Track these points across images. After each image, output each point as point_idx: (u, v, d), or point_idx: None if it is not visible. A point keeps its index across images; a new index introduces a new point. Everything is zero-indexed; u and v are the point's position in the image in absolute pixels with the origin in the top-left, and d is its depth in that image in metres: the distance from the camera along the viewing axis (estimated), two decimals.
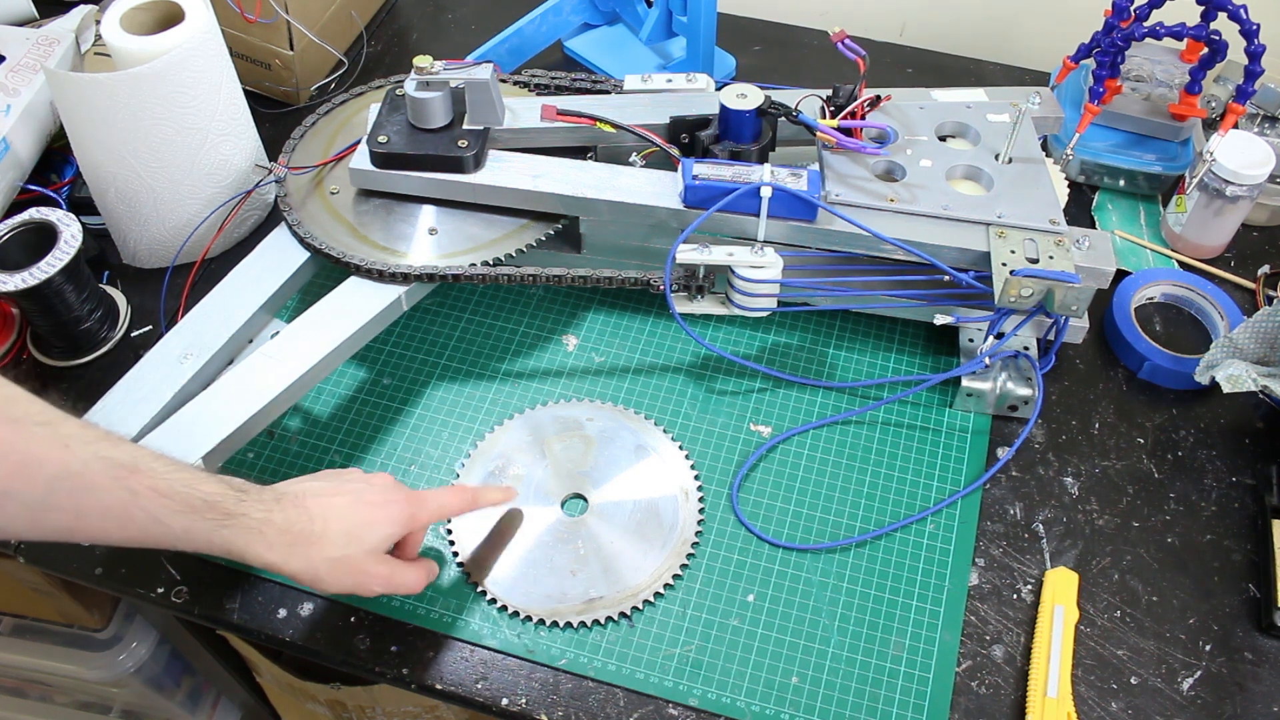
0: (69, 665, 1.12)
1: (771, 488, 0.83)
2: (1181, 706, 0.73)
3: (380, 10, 1.24)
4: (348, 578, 0.66)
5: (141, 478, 0.58)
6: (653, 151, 0.91)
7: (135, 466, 0.58)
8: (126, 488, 0.57)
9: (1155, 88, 1.02)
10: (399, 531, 0.69)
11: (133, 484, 0.57)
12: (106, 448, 0.57)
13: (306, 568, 0.64)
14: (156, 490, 0.58)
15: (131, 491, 0.57)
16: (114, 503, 0.57)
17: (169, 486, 0.59)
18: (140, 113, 0.86)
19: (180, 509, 0.59)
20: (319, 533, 0.65)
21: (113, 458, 0.57)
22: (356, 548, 0.66)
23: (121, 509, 0.57)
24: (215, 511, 0.61)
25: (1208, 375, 0.82)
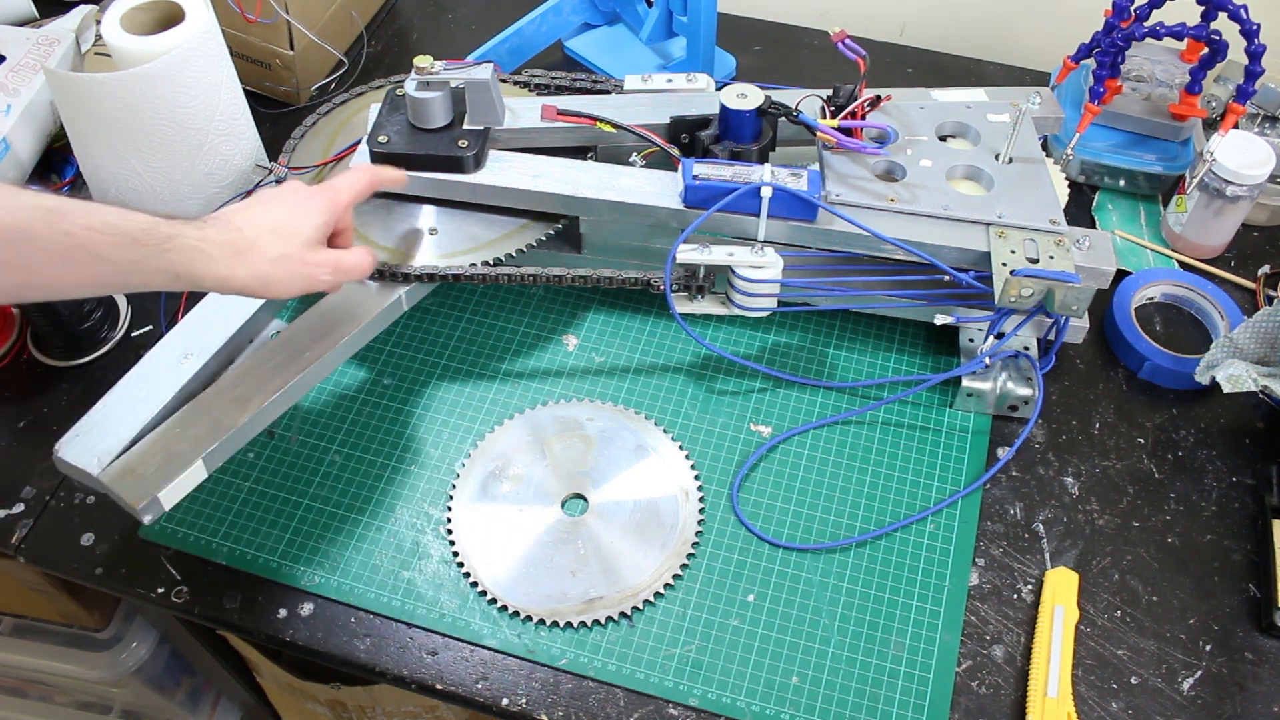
0: (69, 665, 1.12)
1: (772, 488, 0.83)
2: (1182, 706, 0.73)
3: (380, 10, 1.24)
4: (296, 276, 0.69)
5: (73, 218, 0.60)
6: (653, 151, 0.91)
7: (62, 210, 0.60)
8: (62, 230, 0.59)
9: (1155, 88, 1.02)
10: (326, 219, 0.72)
11: (66, 226, 0.59)
12: (30, 198, 0.59)
13: (253, 274, 0.67)
14: (91, 228, 0.60)
15: (67, 233, 0.59)
16: (55, 249, 0.59)
17: (102, 222, 0.61)
18: (140, 113, 0.86)
19: (119, 241, 0.61)
20: (251, 239, 0.67)
21: (41, 205, 0.59)
22: (292, 243, 0.69)
23: (64, 253, 0.59)
24: (153, 237, 0.63)
25: (1208, 375, 0.82)
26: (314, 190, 0.73)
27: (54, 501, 0.84)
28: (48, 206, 0.59)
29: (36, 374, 0.91)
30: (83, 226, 0.60)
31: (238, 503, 0.83)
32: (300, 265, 0.70)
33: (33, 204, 0.59)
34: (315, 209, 0.72)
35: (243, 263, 0.67)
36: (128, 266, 0.62)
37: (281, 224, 0.70)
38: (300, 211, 0.71)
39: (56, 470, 0.75)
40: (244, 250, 0.67)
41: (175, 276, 0.64)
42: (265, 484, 0.84)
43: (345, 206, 0.75)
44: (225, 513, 0.82)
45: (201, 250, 0.65)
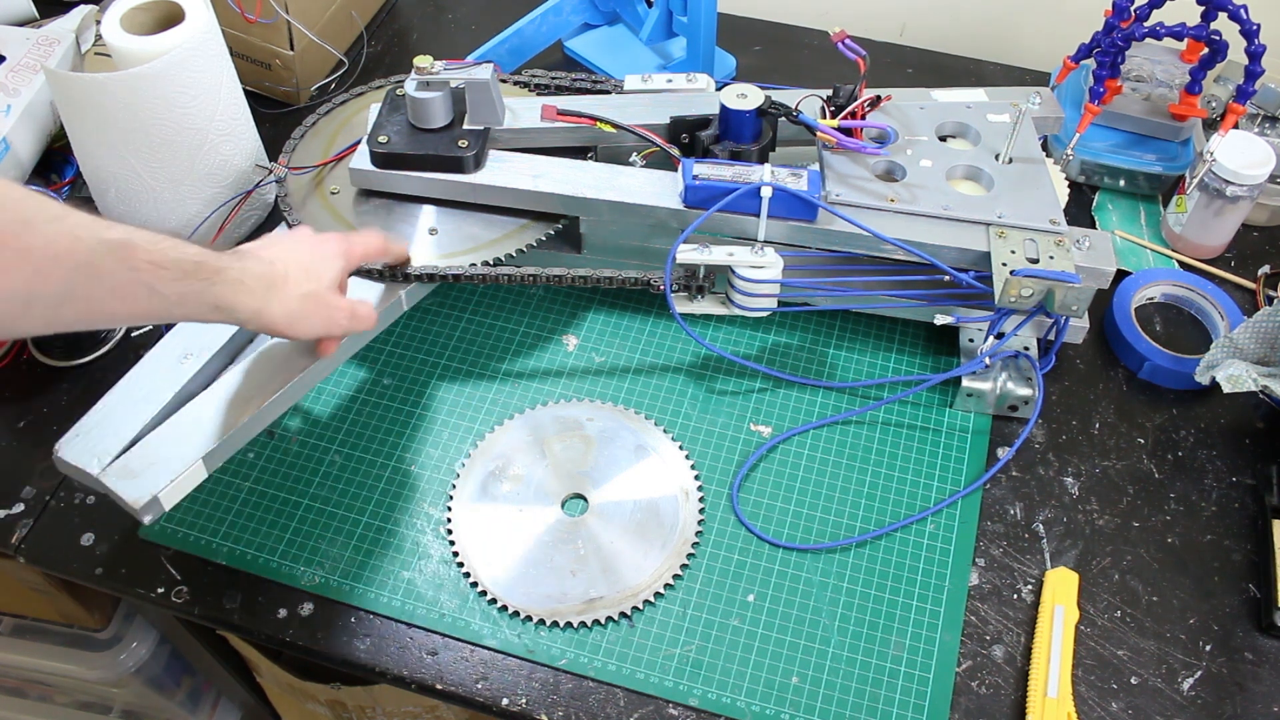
0: (69, 665, 1.12)
1: (772, 488, 0.83)
2: (1182, 706, 0.73)
3: (380, 10, 1.24)
4: (319, 316, 0.71)
5: (139, 253, 0.60)
6: (653, 151, 0.91)
7: (131, 244, 0.60)
8: (130, 266, 0.59)
9: (1155, 88, 1.02)
10: (345, 266, 0.75)
11: (133, 262, 0.59)
12: (104, 230, 0.58)
13: (284, 310, 0.68)
14: (153, 263, 0.60)
15: (134, 269, 0.59)
16: (119, 284, 0.59)
17: (163, 257, 0.61)
18: (140, 113, 0.86)
19: (175, 276, 0.62)
20: (283, 274, 0.69)
21: (111, 239, 0.59)
22: (318, 283, 0.71)
23: (125, 288, 0.59)
24: (205, 271, 0.64)
25: (1208, 375, 0.82)
26: (330, 236, 0.76)
27: (54, 501, 0.84)
28: (117, 240, 0.59)
29: (36, 374, 0.91)
30: (146, 262, 0.60)
31: (238, 503, 0.83)
32: (323, 306, 0.71)
33: (104, 238, 0.58)
34: (334, 254, 0.74)
35: (276, 297, 0.68)
36: (177, 300, 0.63)
37: (311, 263, 0.72)
38: (321, 255, 0.73)
39: (56, 470, 0.75)
40: (277, 284, 0.68)
41: (215, 309, 0.65)
42: (265, 484, 0.84)
43: (357, 259, 0.77)
44: (225, 513, 0.82)
45: (242, 283, 0.66)
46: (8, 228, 0.53)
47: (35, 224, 0.55)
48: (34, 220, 0.55)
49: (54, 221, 0.56)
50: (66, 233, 0.56)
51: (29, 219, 0.55)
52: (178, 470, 0.73)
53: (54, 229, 0.55)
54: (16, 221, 0.54)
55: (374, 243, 0.79)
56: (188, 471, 0.73)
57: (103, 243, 0.58)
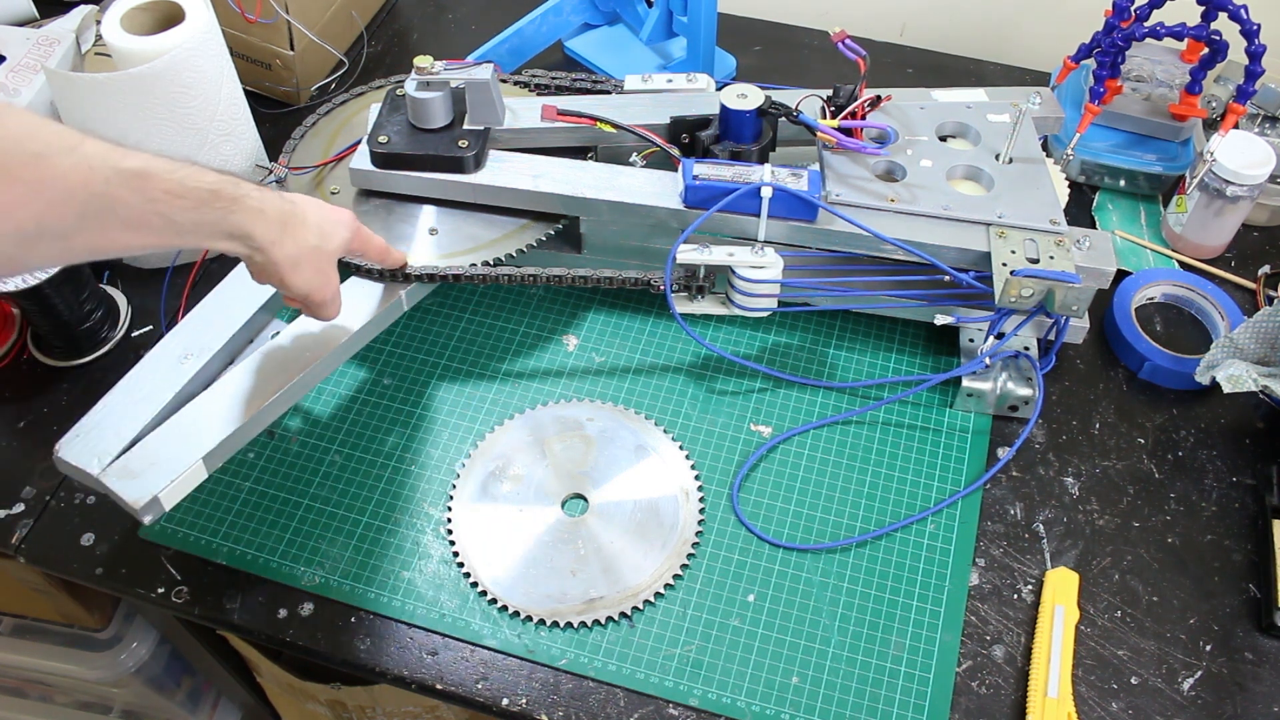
0: (69, 665, 1.12)
1: (772, 488, 0.83)
2: (1182, 707, 0.73)
3: (380, 10, 1.24)
4: (316, 274, 0.71)
5: (155, 182, 0.58)
6: (653, 151, 0.91)
7: (147, 173, 0.58)
8: (144, 194, 0.58)
9: (1156, 88, 1.02)
10: (350, 239, 0.74)
11: (150, 191, 0.58)
12: (120, 158, 0.57)
13: (294, 250, 0.68)
14: (169, 192, 0.59)
15: (149, 198, 0.58)
16: (133, 214, 0.58)
17: (179, 185, 0.60)
18: (140, 113, 0.86)
19: (192, 205, 0.61)
20: (301, 217, 0.69)
21: (128, 168, 0.57)
22: (327, 242, 0.71)
23: (140, 218, 0.58)
24: (221, 199, 0.63)
25: (1208, 375, 0.82)
26: (342, 209, 0.75)
27: (54, 501, 0.84)
28: (134, 169, 0.57)
29: (36, 374, 0.91)
30: (163, 191, 0.59)
31: (238, 503, 0.83)
32: (322, 268, 0.72)
33: (120, 167, 0.57)
34: (345, 222, 0.74)
35: (289, 235, 0.68)
36: (193, 228, 0.62)
37: (326, 222, 0.72)
38: (335, 219, 0.73)
39: (56, 470, 0.75)
40: (293, 225, 0.68)
41: (229, 236, 0.64)
42: (265, 484, 0.84)
43: (363, 239, 0.77)
44: (225, 513, 0.82)
45: (262, 213, 0.66)
46: (20, 160, 0.52)
47: (48, 156, 0.53)
48: (47, 152, 0.53)
49: (68, 153, 0.54)
50: (81, 163, 0.54)
51: (42, 151, 0.53)
52: (178, 470, 0.73)
53: (68, 161, 0.54)
54: (29, 154, 0.52)
55: (378, 239, 0.80)
56: (188, 471, 0.73)
57: (119, 172, 0.57)
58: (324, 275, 0.72)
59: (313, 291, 0.72)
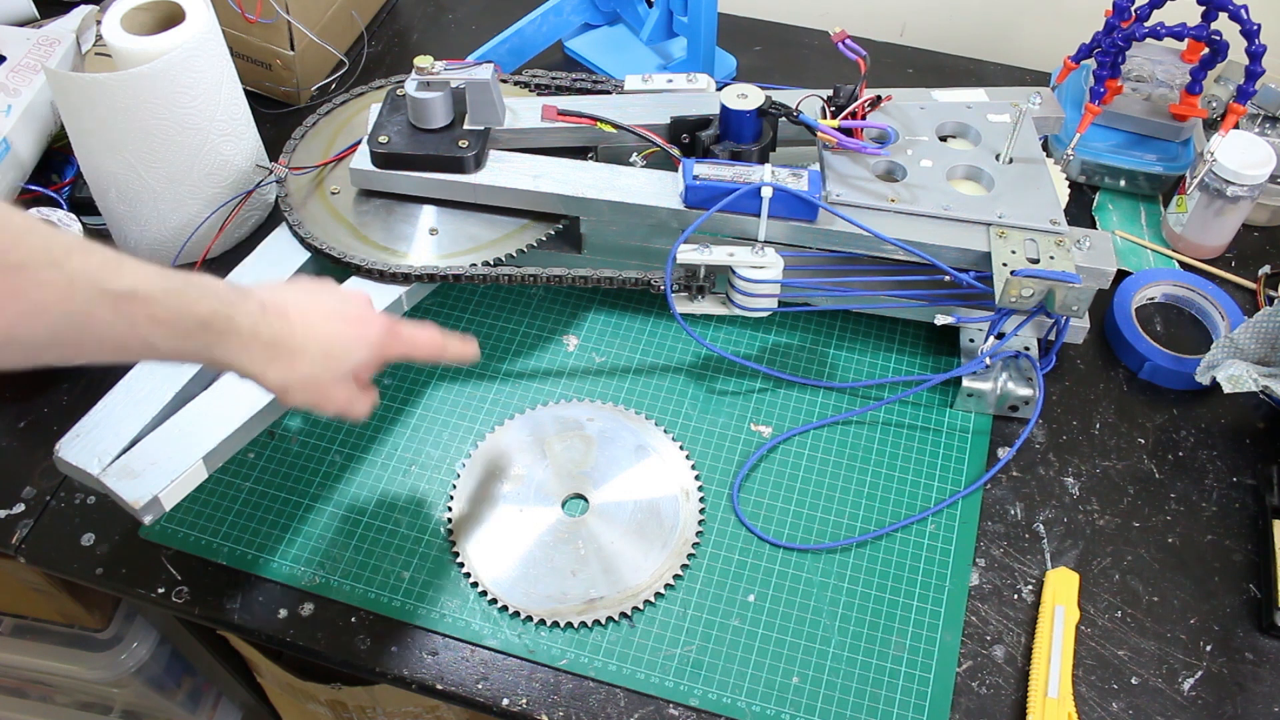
0: (69, 665, 1.12)
1: (772, 488, 0.83)
2: (1182, 707, 0.73)
3: (381, 10, 1.24)
4: (313, 396, 0.66)
5: (141, 307, 0.56)
6: (653, 152, 0.91)
7: (134, 294, 0.56)
8: (126, 318, 0.56)
9: (1156, 88, 1.02)
10: (371, 359, 0.69)
11: (133, 315, 0.56)
12: (109, 279, 0.55)
13: (280, 380, 0.64)
14: (155, 319, 0.57)
15: (130, 322, 0.57)
16: (111, 335, 0.56)
17: (166, 313, 0.58)
18: (141, 113, 0.86)
19: (177, 333, 0.59)
20: (299, 347, 0.65)
21: (114, 290, 0.55)
22: (328, 370, 0.66)
23: (117, 339, 0.57)
24: (211, 331, 0.60)
25: (1208, 375, 0.82)
26: (377, 321, 0.69)
27: (54, 501, 0.84)
28: (121, 291, 0.55)
29: (36, 374, 0.91)
30: (147, 316, 0.57)
31: (238, 503, 0.83)
32: (320, 393, 0.67)
33: (106, 288, 0.55)
34: (369, 341, 0.68)
35: (277, 366, 0.64)
36: (173, 354, 0.60)
37: (333, 347, 0.66)
38: (355, 339, 0.68)
39: (57, 470, 0.75)
40: (284, 355, 0.64)
41: (210, 359, 0.62)
42: (265, 484, 0.84)
43: (393, 357, 0.72)
44: (225, 513, 0.82)
45: (245, 349, 0.62)
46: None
47: (28, 268, 0.52)
48: (29, 264, 0.52)
49: (50, 267, 0.52)
50: (61, 279, 0.53)
51: (22, 263, 0.51)
52: (178, 470, 0.73)
53: (48, 275, 0.52)
54: (8, 264, 0.51)
55: (422, 341, 0.72)
56: (188, 471, 0.73)
57: (103, 293, 0.55)
58: (323, 396, 0.67)
59: (313, 409, 0.68)
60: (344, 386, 0.68)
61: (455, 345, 0.74)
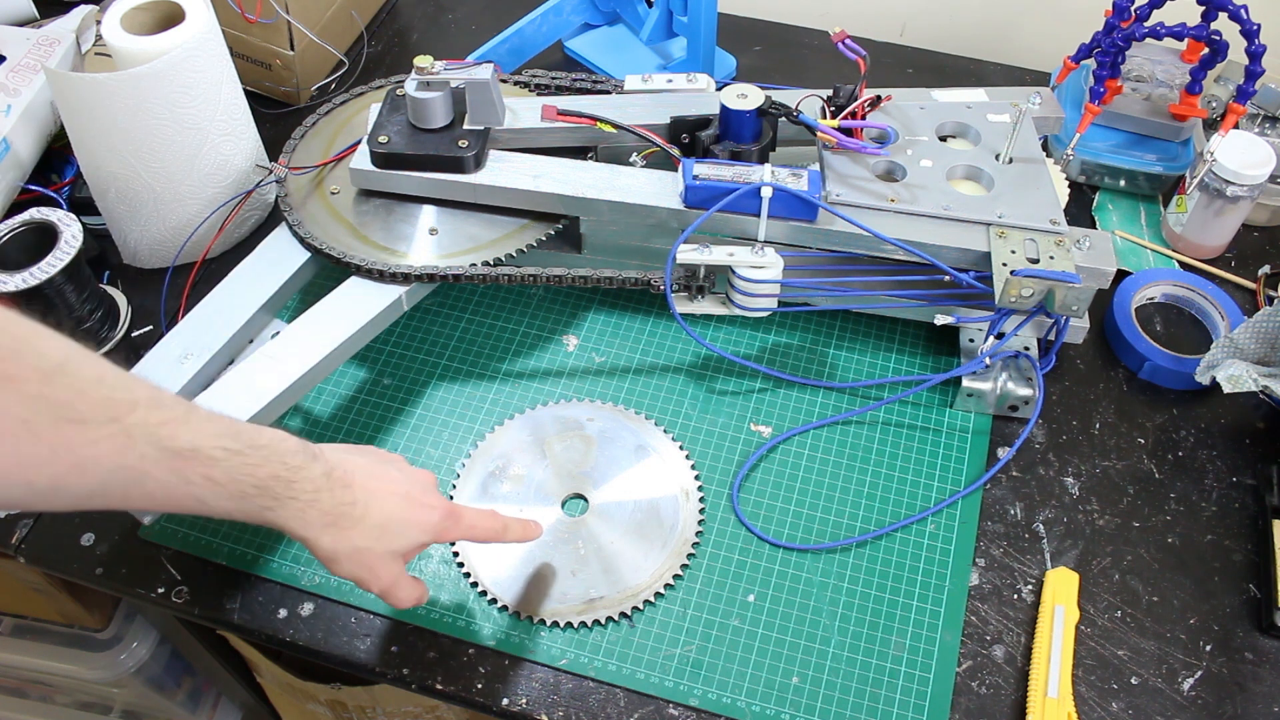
0: (69, 665, 1.12)
1: (772, 488, 0.83)
2: (1182, 707, 0.73)
3: (380, 10, 1.24)
4: (360, 569, 0.65)
5: (199, 467, 0.56)
6: (653, 151, 0.91)
7: (195, 455, 0.56)
8: (181, 476, 0.55)
9: (1156, 88, 1.02)
10: (427, 541, 0.67)
11: (189, 474, 0.56)
12: (169, 436, 0.55)
13: (330, 549, 0.63)
14: (211, 479, 0.57)
15: (185, 480, 0.56)
16: (162, 490, 0.56)
17: (225, 475, 0.57)
18: (141, 113, 0.86)
19: (229, 496, 0.58)
20: (357, 519, 0.64)
21: (173, 448, 0.55)
22: (382, 545, 0.65)
23: (168, 494, 0.56)
24: (265, 496, 0.60)
25: (1208, 375, 0.82)
26: (440, 505, 0.68)
27: None
28: (179, 450, 0.55)
29: None
30: (203, 476, 0.56)
31: None
32: (366, 567, 0.65)
33: (166, 445, 0.54)
34: (427, 526, 0.67)
35: (331, 535, 0.63)
36: (222, 514, 0.59)
37: (391, 524, 0.65)
38: (414, 521, 0.66)
39: None
40: (342, 526, 0.63)
41: (264, 521, 0.61)
42: None
43: (451, 540, 0.72)
44: None
45: (301, 516, 0.62)
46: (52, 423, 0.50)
47: (87, 424, 0.51)
48: (88, 420, 0.51)
49: (109, 423, 0.52)
50: (119, 435, 0.52)
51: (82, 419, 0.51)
52: None
53: (105, 431, 0.52)
54: (65, 420, 0.50)
55: (482, 527, 0.71)
56: None
57: (161, 450, 0.54)
58: (370, 571, 0.65)
59: (357, 582, 0.66)
60: (393, 565, 0.66)
61: (516, 529, 0.73)
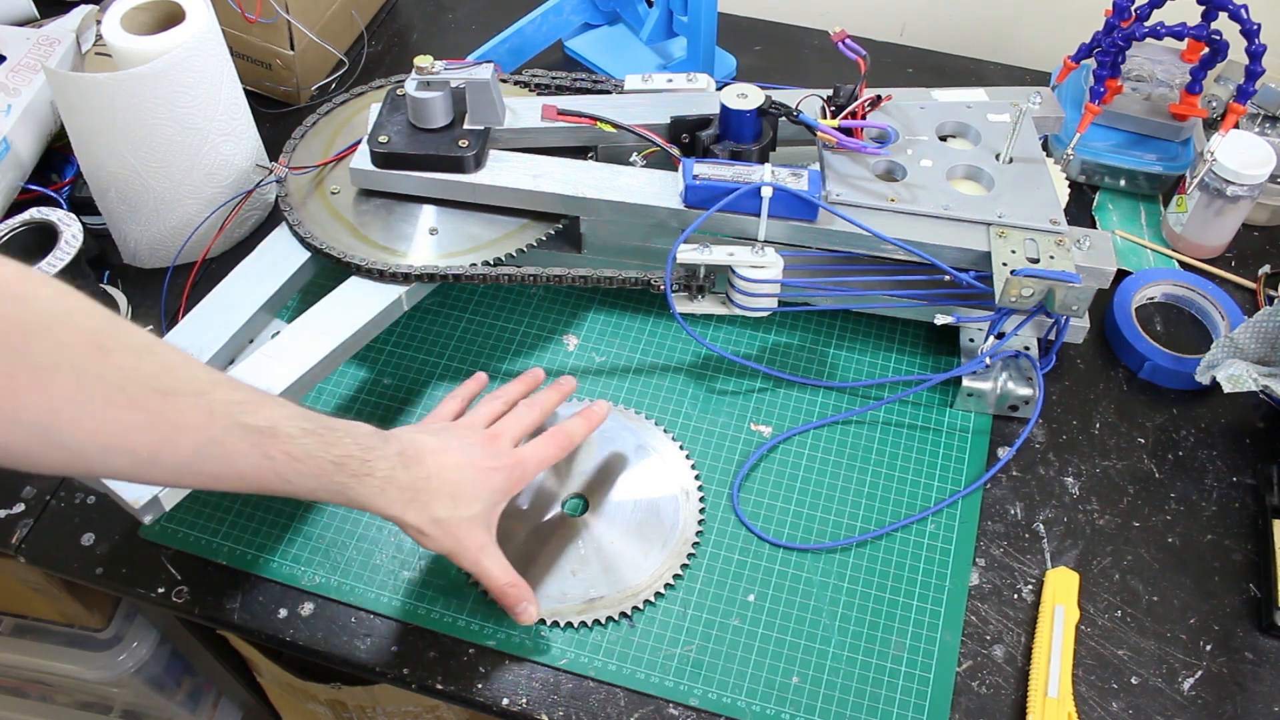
0: (69, 665, 1.12)
1: (772, 488, 0.83)
2: (1182, 706, 0.73)
3: (381, 10, 1.24)
4: (447, 539, 0.69)
5: (278, 443, 0.60)
6: (653, 151, 0.91)
7: (274, 432, 0.60)
8: (264, 454, 0.59)
9: (1156, 88, 1.02)
10: (500, 500, 0.72)
11: (270, 450, 0.60)
12: (248, 414, 0.59)
13: (417, 522, 0.68)
14: (290, 455, 0.60)
15: (268, 457, 0.60)
16: (249, 467, 0.59)
17: (303, 451, 0.61)
18: (141, 113, 0.86)
19: (311, 472, 0.62)
20: (433, 491, 0.68)
21: (253, 425, 0.59)
22: (460, 512, 0.69)
23: (255, 472, 0.60)
24: (343, 473, 0.63)
25: (1208, 375, 0.82)
26: (506, 462, 0.72)
27: (54, 501, 0.84)
28: (259, 427, 0.59)
29: None
30: (284, 453, 0.60)
31: (238, 503, 0.83)
32: (453, 538, 0.69)
33: (244, 422, 0.58)
34: (495, 486, 0.71)
35: (414, 510, 0.67)
36: (305, 492, 0.63)
37: (459, 491, 0.69)
38: (482, 485, 0.71)
39: None
40: (420, 500, 0.67)
41: (347, 500, 0.65)
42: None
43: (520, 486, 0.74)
44: (225, 513, 0.82)
45: (383, 492, 0.66)
46: (146, 392, 0.54)
47: (175, 394, 0.56)
48: (175, 391, 0.56)
49: (195, 395, 0.57)
50: (203, 408, 0.57)
51: (170, 389, 0.56)
52: None
53: (191, 402, 0.56)
54: (157, 389, 0.55)
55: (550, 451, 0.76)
56: None
57: (242, 427, 0.58)
58: (456, 540, 0.69)
59: (451, 557, 0.70)
60: (476, 532, 0.70)
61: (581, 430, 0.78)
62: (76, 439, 0.53)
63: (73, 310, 0.53)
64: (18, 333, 0.50)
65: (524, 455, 0.74)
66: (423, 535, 0.68)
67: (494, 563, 0.71)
